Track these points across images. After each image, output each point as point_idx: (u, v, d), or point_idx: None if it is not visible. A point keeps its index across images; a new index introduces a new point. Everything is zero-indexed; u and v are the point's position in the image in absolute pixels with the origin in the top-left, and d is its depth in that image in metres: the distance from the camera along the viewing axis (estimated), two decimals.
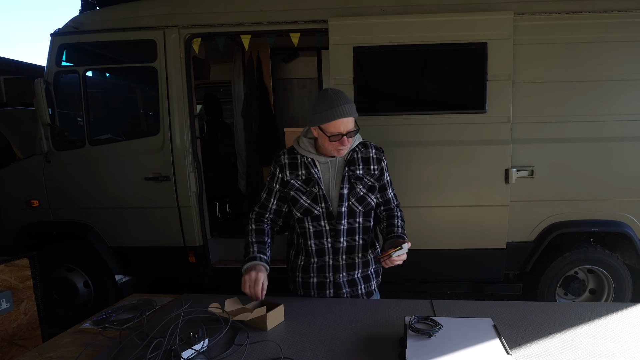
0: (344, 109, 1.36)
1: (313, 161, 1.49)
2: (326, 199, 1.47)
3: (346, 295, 1.55)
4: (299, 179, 1.49)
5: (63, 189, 2.94)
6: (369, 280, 1.58)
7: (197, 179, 2.90)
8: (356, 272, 1.54)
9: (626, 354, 1.07)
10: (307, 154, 1.49)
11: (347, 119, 1.37)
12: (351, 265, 1.53)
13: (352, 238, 1.51)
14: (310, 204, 1.49)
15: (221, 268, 3.13)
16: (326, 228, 1.50)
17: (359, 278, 1.55)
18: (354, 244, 1.52)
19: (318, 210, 1.48)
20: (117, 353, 1.12)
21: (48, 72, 2.85)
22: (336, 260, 1.51)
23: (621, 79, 2.53)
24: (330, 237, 1.50)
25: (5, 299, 1.73)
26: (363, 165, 1.50)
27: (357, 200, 1.49)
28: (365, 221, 1.52)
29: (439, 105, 2.65)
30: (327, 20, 2.60)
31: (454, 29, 2.54)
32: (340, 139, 1.38)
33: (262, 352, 1.12)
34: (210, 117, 4.08)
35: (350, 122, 1.39)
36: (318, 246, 1.52)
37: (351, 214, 1.49)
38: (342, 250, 1.50)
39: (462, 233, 2.71)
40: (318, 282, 1.55)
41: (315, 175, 1.47)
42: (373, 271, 1.59)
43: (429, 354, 1.00)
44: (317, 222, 1.49)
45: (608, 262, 2.72)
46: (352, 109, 1.40)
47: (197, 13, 2.74)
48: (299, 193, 1.49)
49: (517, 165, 2.62)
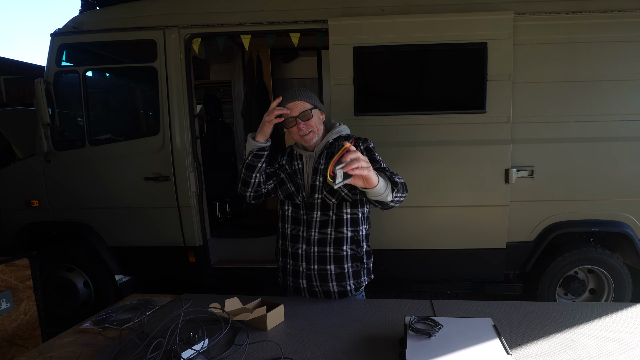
0: (289, 95, 1.49)
1: (300, 155, 1.59)
2: (302, 189, 1.54)
3: (318, 289, 1.54)
4: (291, 167, 1.59)
5: (63, 189, 2.94)
6: (342, 279, 1.52)
7: (197, 179, 2.90)
8: (328, 267, 1.51)
9: (626, 354, 1.07)
10: (297, 149, 1.61)
11: (294, 103, 1.47)
12: (322, 258, 1.51)
13: (324, 230, 1.51)
14: (293, 191, 1.56)
15: (221, 268, 3.13)
16: (303, 217, 1.54)
17: (332, 275, 1.52)
18: (325, 237, 1.51)
19: (298, 200, 1.55)
20: (117, 353, 1.12)
21: (48, 72, 2.85)
22: (308, 251, 1.52)
23: (621, 79, 2.53)
24: (305, 226, 1.53)
25: (5, 299, 1.73)
26: (325, 160, 1.52)
27: (329, 192, 1.50)
28: (339, 214, 1.51)
29: (439, 105, 2.65)
30: (327, 20, 2.60)
31: (454, 29, 2.54)
32: (296, 124, 1.47)
33: (262, 352, 1.12)
34: (210, 117, 4.07)
35: (299, 105, 1.47)
36: (293, 232, 1.56)
37: (324, 206, 1.51)
38: (313, 242, 1.51)
39: (462, 233, 2.71)
40: (293, 270, 1.57)
41: (297, 166, 1.57)
42: (351, 270, 1.53)
43: (429, 354, 1.00)
44: (297, 210, 1.56)
45: (608, 262, 2.72)
46: (302, 94, 1.49)
47: (197, 13, 2.74)
48: (287, 178, 1.58)
49: (517, 165, 2.62)
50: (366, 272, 1.58)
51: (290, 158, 1.62)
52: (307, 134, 1.49)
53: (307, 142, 1.52)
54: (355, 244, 1.54)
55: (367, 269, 1.59)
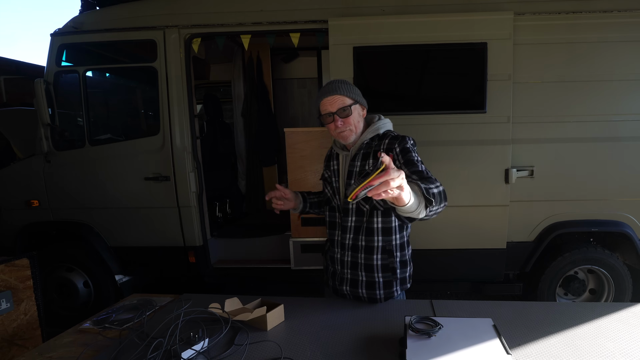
0: (329, 88, 1.39)
1: (337, 155, 1.54)
2: (337, 192, 1.49)
3: (347, 293, 1.52)
4: (330, 169, 1.56)
5: (63, 189, 2.94)
6: (372, 288, 1.46)
7: (197, 179, 2.90)
8: (360, 274, 1.47)
9: (626, 354, 1.07)
10: (335, 147, 1.56)
11: (332, 97, 1.38)
12: (354, 264, 1.49)
13: (356, 237, 1.47)
14: (331, 195, 1.53)
15: (221, 268, 3.13)
16: (338, 221, 1.51)
17: (362, 282, 1.47)
18: (357, 243, 1.47)
19: (334, 203, 1.51)
20: (117, 353, 1.12)
21: (48, 72, 2.85)
22: (342, 255, 1.51)
23: (621, 79, 2.53)
24: (339, 230, 1.51)
25: (5, 299, 1.73)
26: (361, 162, 1.42)
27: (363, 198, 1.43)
28: (369, 222, 1.43)
29: (439, 105, 2.65)
30: (327, 20, 2.60)
31: (454, 29, 2.54)
32: (333, 120, 1.39)
33: (262, 352, 1.12)
34: (210, 117, 4.07)
35: (338, 99, 1.38)
36: (331, 236, 1.55)
37: (359, 212, 1.45)
38: (347, 247, 1.49)
39: (462, 233, 2.71)
40: (332, 271, 1.58)
41: (334, 167, 1.53)
42: (382, 280, 1.45)
43: (429, 354, 1.00)
44: (333, 213, 1.53)
45: (608, 262, 2.72)
46: (343, 87, 1.39)
47: (197, 13, 2.74)
48: (326, 183, 1.57)
49: (517, 165, 2.62)
50: (399, 282, 1.48)
51: (328, 160, 1.59)
52: (345, 131, 1.41)
53: (345, 140, 1.44)
54: (387, 254, 1.45)
55: (400, 279, 1.48)
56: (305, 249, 2.95)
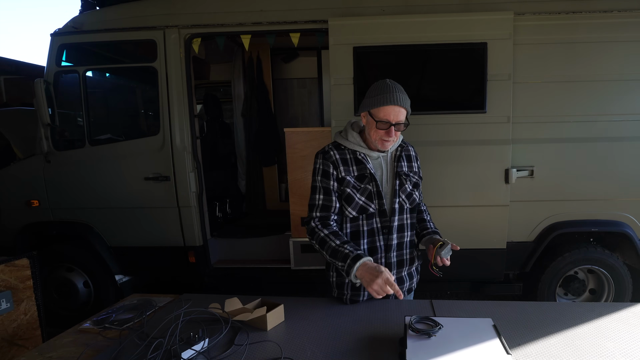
0: (397, 97, 1.37)
1: (366, 157, 1.47)
2: (381, 195, 1.45)
3: None
4: (352, 175, 1.45)
5: (63, 189, 2.94)
6: (412, 278, 1.59)
7: (197, 179, 2.90)
8: (404, 269, 1.54)
9: (626, 354, 1.07)
10: (358, 148, 1.47)
11: (399, 108, 1.38)
12: (400, 262, 1.52)
13: (401, 235, 1.50)
14: (365, 201, 1.45)
15: (221, 268, 3.13)
16: (378, 226, 1.47)
17: (406, 275, 1.55)
18: (403, 241, 1.51)
19: (373, 208, 1.45)
20: (117, 353, 1.12)
21: (48, 72, 2.85)
22: (388, 258, 1.49)
23: (621, 79, 2.53)
24: (382, 234, 1.48)
25: (5, 299, 1.73)
26: (407, 163, 1.53)
27: (407, 196, 1.49)
28: (412, 217, 1.53)
29: (439, 105, 2.65)
30: (327, 20, 2.60)
31: (454, 29, 2.54)
32: (388, 129, 1.38)
33: (262, 352, 1.12)
34: (210, 117, 4.07)
35: (402, 113, 1.40)
36: (370, 244, 1.48)
37: (401, 210, 1.49)
38: (393, 248, 1.49)
39: (462, 233, 2.70)
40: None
41: (370, 171, 1.45)
42: (414, 269, 1.59)
43: (429, 354, 1.00)
44: (371, 220, 1.46)
45: (608, 262, 2.72)
46: (407, 100, 1.41)
47: (197, 13, 2.74)
48: (354, 190, 1.44)
49: (517, 165, 2.62)
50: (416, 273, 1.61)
51: (346, 164, 1.45)
52: (390, 141, 1.42)
53: (384, 148, 1.45)
54: (414, 247, 1.59)
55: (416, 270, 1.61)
56: (305, 249, 2.95)
